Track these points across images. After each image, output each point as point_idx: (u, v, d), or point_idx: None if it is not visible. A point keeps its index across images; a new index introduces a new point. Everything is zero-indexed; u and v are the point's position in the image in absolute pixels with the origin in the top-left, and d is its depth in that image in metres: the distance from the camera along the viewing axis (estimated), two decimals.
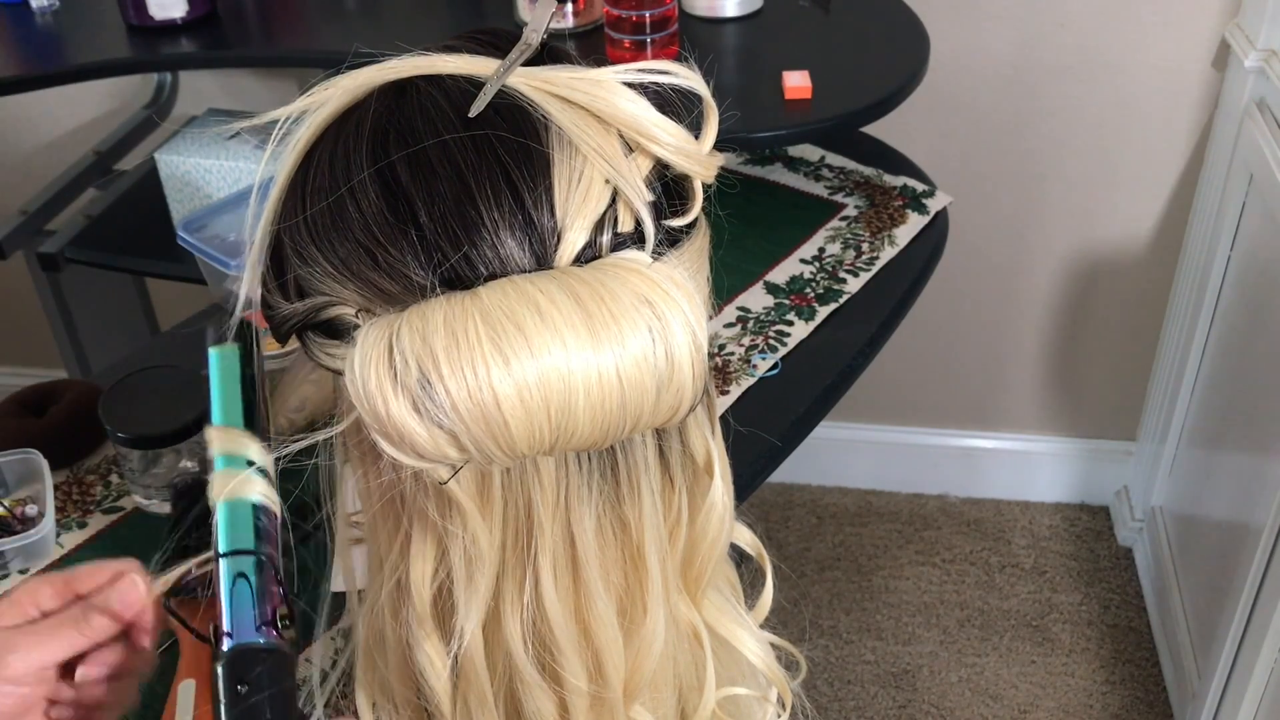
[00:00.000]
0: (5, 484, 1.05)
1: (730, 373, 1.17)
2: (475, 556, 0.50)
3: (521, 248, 0.47)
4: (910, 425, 2.24)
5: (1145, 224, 1.92)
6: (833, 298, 1.27)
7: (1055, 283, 2.01)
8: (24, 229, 1.68)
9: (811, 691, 2.09)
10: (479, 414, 0.43)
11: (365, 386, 0.44)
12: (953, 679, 1.95)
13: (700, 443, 0.56)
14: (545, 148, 0.48)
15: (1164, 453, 1.98)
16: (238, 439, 0.58)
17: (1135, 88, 1.80)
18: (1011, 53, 1.80)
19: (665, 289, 0.45)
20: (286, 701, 0.51)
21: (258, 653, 0.51)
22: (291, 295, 0.51)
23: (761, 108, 1.32)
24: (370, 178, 0.48)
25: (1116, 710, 1.89)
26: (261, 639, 0.51)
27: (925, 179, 1.46)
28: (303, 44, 1.58)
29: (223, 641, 0.52)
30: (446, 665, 0.53)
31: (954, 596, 2.09)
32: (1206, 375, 1.84)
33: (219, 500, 0.56)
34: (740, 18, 1.49)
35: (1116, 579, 2.11)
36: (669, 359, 0.45)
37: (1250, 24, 1.65)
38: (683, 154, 0.50)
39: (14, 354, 2.37)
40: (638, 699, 0.56)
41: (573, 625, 0.53)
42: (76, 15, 1.62)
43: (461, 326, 0.43)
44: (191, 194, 1.51)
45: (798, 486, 2.30)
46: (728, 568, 0.65)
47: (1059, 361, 2.11)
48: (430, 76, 0.51)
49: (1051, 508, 2.25)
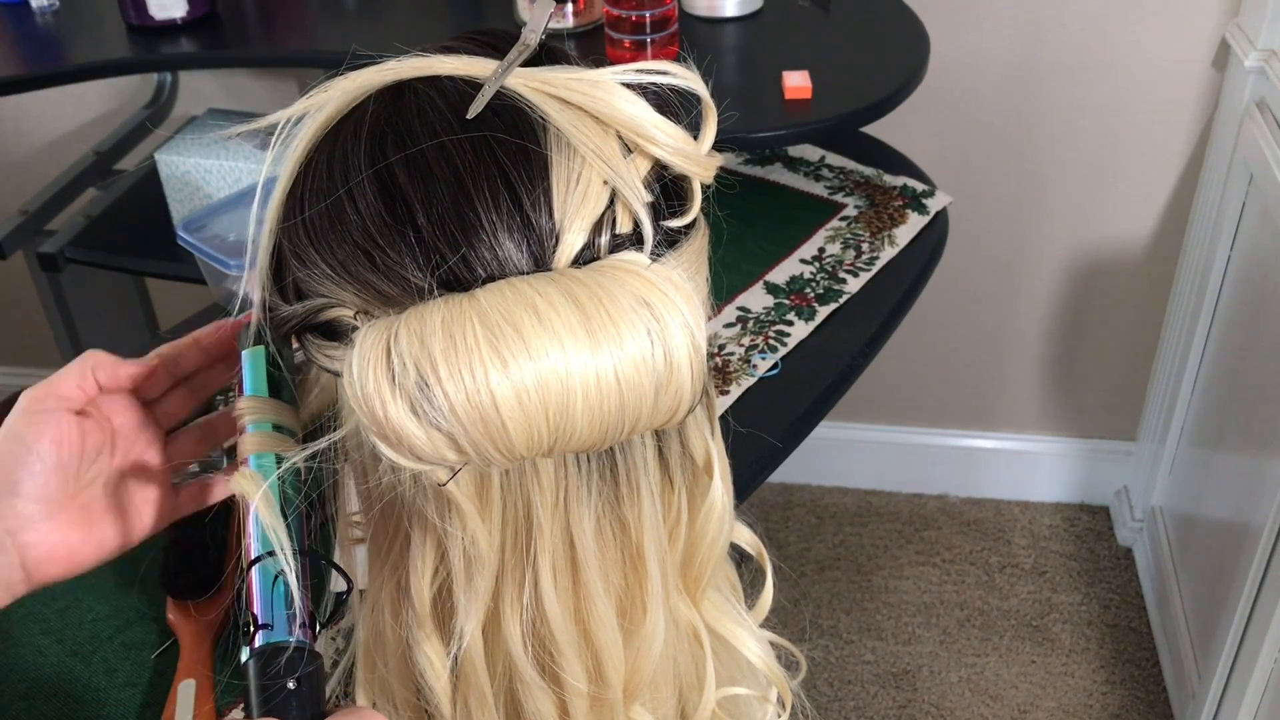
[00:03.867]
0: None
1: (730, 373, 1.17)
2: (475, 558, 0.50)
3: (519, 249, 0.47)
4: (910, 425, 2.24)
5: (1145, 224, 1.92)
6: (833, 298, 1.27)
7: (1055, 283, 2.02)
8: (24, 229, 1.68)
9: (811, 691, 2.09)
10: (477, 416, 0.43)
11: (363, 389, 0.44)
12: (953, 679, 1.95)
13: (700, 443, 0.56)
14: (543, 149, 0.48)
15: (1164, 453, 1.98)
16: (268, 405, 0.58)
17: (1135, 88, 1.80)
18: (1011, 53, 1.80)
19: (664, 290, 0.45)
20: (318, 702, 0.50)
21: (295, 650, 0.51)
22: (290, 297, 0.52)
23: (761, 108, 1.32)
24: (368, 179, 0.48)
25: (1116, 710, 1.89)
26: (293, 638, 0.51)
27: (925, 179, 1.46)
28: (303, 44, 1.58)
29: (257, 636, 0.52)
30: (446, 666, 0.54)
31: (954, 596, 2.09)
32: (1206, 375, 1.84)
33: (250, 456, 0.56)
34: (740, 18, 1.49)
35: (1116, 579, 2.11)
36: (667, 360, 0.45)
37: (1250, 24, 1.65)
38: (681, 155, 0.50)
39: (14, 354, 2.37)
40: (638, 699, 0.56)
41: (572, 626, 0.53)
42: (76, 15, 1.62)
43: (459, 329, 0.43)
44: (191, 194, 1.51)
45: (798, 486, 2.30)
46: (728, 568, 0.65)
47: (1059, 361, 2.11)
48: (428, 78, 0.51)
49: (1051, 508, 2.25)
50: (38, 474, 0.59)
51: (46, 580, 0.61)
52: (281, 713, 0.49)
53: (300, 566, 0.53)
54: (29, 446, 0.59)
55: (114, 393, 0.63)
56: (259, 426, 0.57)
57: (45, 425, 0.59)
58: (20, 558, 0.59)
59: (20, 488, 0.59)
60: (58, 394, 0.61)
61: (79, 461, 0.61)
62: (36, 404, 0.60)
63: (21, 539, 0.59)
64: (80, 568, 0.62)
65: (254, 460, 0.56)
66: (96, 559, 0.62)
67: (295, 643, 0.51)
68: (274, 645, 0.51)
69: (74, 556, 0.61)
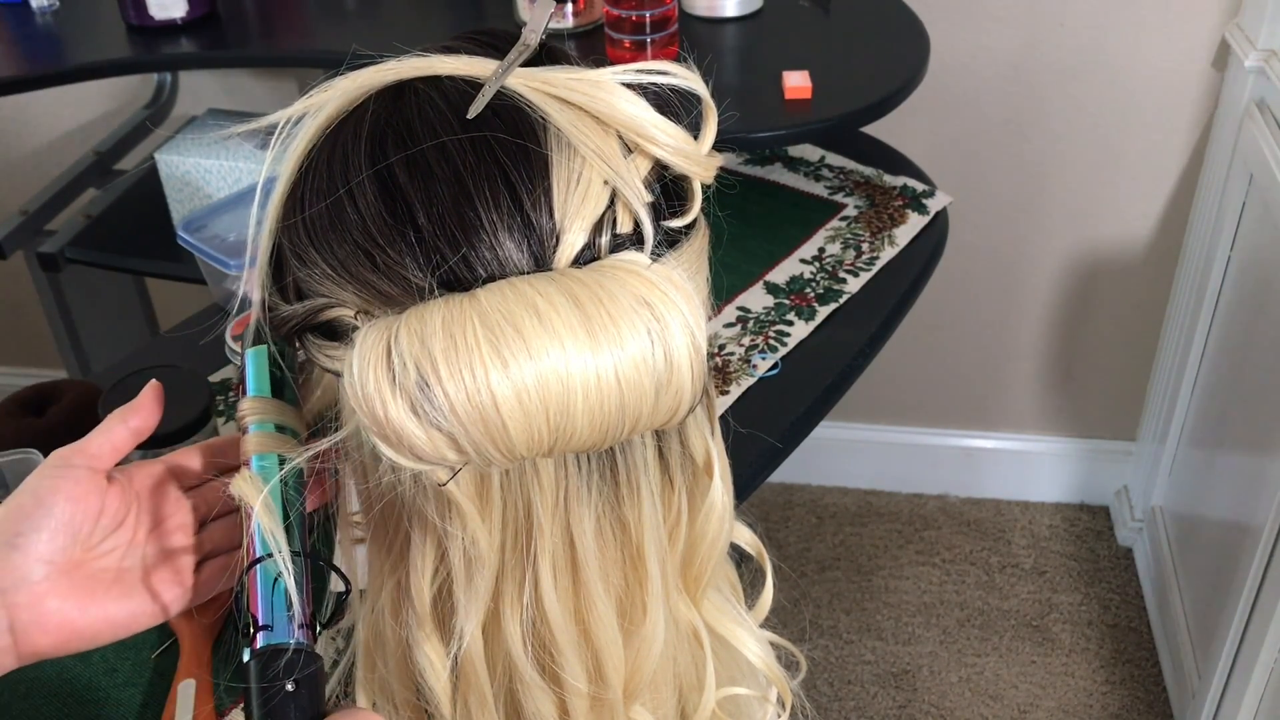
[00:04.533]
0: (5, 484, 1.04)
1: (730, 373, 1.17)
2: (475, 558, 0.50)
3: (520, 249, 0.47)
4: (910, 425, 2.24)
5: (1145, 224, 1.92)
6: (833, 298, 1.27)
7: (1055, 283, 2.02)
8: (24, 229, 1.68)
9: (811, 691, 2.09)
10: (477, 416, 0.43)
11: (364, 389, 0.44)
12: (953, 679, 1.95)
13: (700, 443, 0.56)
14: (544, 149, 0.48)
15: (1164, 453, 1.98)
16: (271, 405, 0.57)
17: (1135, 88, 1.80)
18: (1011, 53, 1.80)
19: (664, 290, 0.45)
20: (317, 704, 0.50)
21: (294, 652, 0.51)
22: (291, 297, 0.52)
23: (761, 108, 1.32)
24: (368, 179, 0.48)
25: (1116, 710, 1.89)
26: (293, 640, 0.51)
27: (925, 179, 1.46)
28: (303, 44, 1.58)
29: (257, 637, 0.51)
30: (446, 666, 0.54)
31: (954, 596, 2.09)
32: (1206, 375, 1.84)
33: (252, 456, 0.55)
34: (740, 18, 1.49)
35: (1116, 579, 2.11)
36: (668, 361, 0.45)
37: (1250, 24, 1.65)
38: (682, 155, 0.50)
39: (14, 354, 2.37)
40: (638, 699, 0.56)
41: (572, 626, 0.53)
42: (76, 15, 1.62)
43: (460, 329, 0.43)
44: (191, 194, 1.51)
45: (798, 486, 2.30)
46: (728, 568, 0.65)
47: (1059, 361, 2.11)
48: (429, 78, 0.51)
49: (1051, 508, 2.25)
50: (43, 529, 0.55)
51: (37, 651, 0.56)
52: (281, 714, 0.49)
53: (301, 568, 0.53)
54: (40, 499, 0.56)
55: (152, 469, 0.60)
56: (261, 427, 0.57)
57: (63, 480, 0.56)
58: (10, 619, 0.55)
59: (22, 540, 0.55)
60: (85, 451, 0.58)
61: (93, 524, 0.57)
62: (60, 459, 0.57)
63: (13, 597, 0.54)
64: (73, 643, 0.57)
65: (256, 461, 0.56)
66: (91, 637, 0.57)
67: (295, 644, 0.51)
68: (274, 646, 0.51)
69: (68, 627, 0.56)
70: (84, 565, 0.57)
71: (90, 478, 0.57)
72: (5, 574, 0.54)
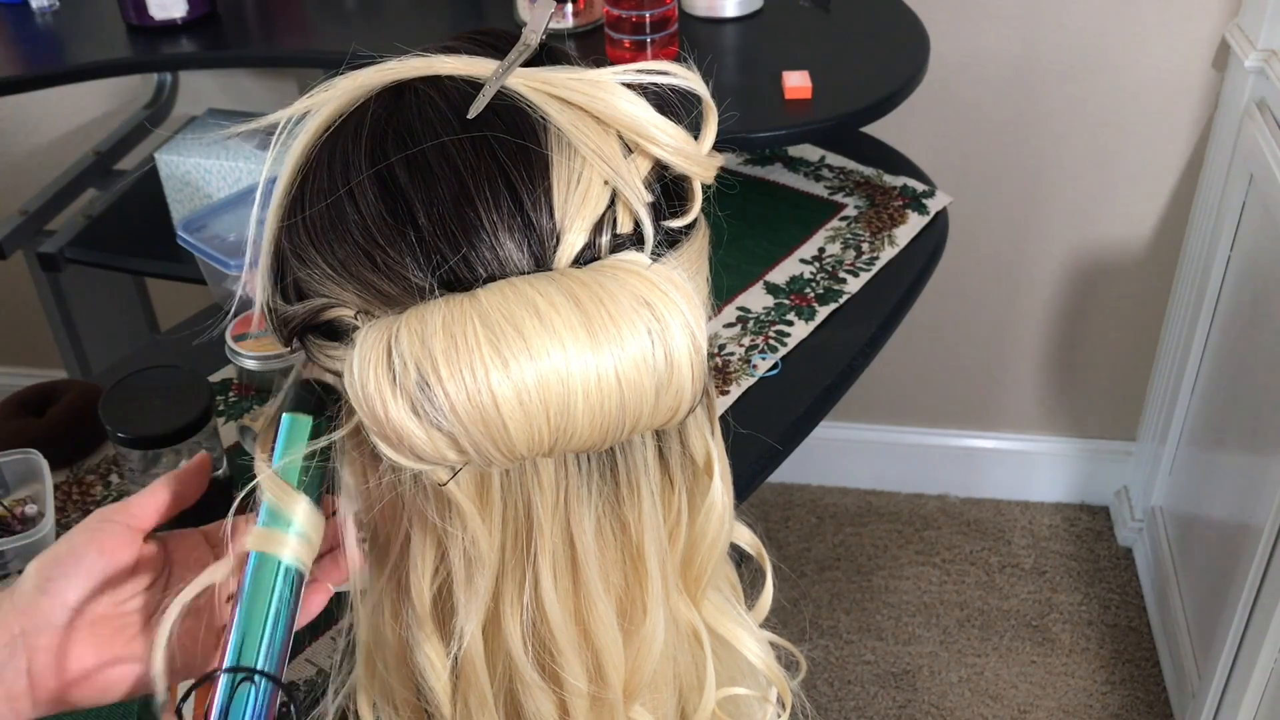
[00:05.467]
0: (5, 484, 1.05)
1: (730, 373, 1.17)
2: (475, 558, 0.50)
3: (520, 249, 0.47)
4: (910, 425, 2.24)
5: (1145, 224, 1.92)
6: (833, 298, 1.27)
7: (1055, 283, 2.02)
8: (24, 229, 1.68)
9: (811, 691, 2.09)
10: (478, 416, 0.43)
11: (364, 389, 0.44)
12: (953, 679, 1.95)
13: (700, 443, 0.56)
14: (544, 149, 0.48)
15: (1164, 453, 1.98)
16: (289, 494, 0.53)
17: (1135, 88, 1.80)
18: (1011, 53, 1.80)
19: (664, 290, 0.45)
20: None
21: None
22: (291, 297, 0.52)
23: (761, 108, 1.32)
24: (369, 179, 0.48)
25: (1116, 710, 1.89)
26: None
27: (925, 179, 1.46)
28: (303, 44, 1.58)
29: None
30: (446, 666, 0.53)
31: (954, 596, 2.09)
32: (1206, 375, 1.84)
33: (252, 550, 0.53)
34: (740, 18, 1.49)
35: (1116, 579, 2.11)
36: (668, 360, 0.45)
37: (1250, 24, 1.65)
38: (682, 155, 0.50)
39: (14, 354, 2.37)
40: (638, 699, 0.56)
41: (572, 626, 0.53)
42: (76, 15, 1.62)
43: (460, 329, 0.43)
44: (191, 194, 1.51)
45: (798, 486, 2.30)
46: (728, 568, 0.65)
47: (1059, 361, 2.11)
48: (429, 78, 0.51)
49: (1051, 508, 2.25)
50: (73, 577, 0.56)
51: (50, 700, 0.57)
52: None
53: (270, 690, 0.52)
54: (74, 549, 0.57)
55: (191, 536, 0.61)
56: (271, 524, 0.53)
57: (99, 533, 0.58)
58: (27, 662, 0.56)
59: (51, 585, 0.56)
60: (126, 509, 0.59)
61: (124, 580, 0.58)
62: (101, 515, 0.59)
63: (35, 639, 0.56)
64: (87, 693, 0.57)
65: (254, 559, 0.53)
66: (104, 688, 0.58)
67: None
68: None
69: (82, 676, 0.57)
70: (110, 620, 0.58)
71: (126, 534, 0.58)
72: (30, 616, 0.56)
